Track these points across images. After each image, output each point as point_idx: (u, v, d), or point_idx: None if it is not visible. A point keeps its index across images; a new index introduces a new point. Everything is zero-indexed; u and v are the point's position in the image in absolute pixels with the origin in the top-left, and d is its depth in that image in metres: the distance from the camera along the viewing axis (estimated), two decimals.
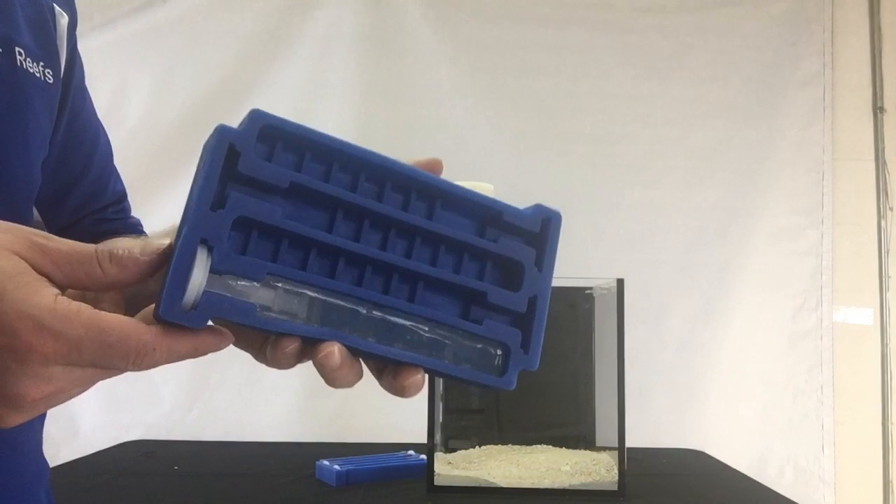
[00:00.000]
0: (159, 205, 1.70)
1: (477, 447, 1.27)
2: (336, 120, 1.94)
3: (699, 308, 1.97)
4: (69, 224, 0.73)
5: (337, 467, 1.25)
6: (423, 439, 1.17)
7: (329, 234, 0.42)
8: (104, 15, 1.93)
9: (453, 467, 1.21)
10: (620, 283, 1.17)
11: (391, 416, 1.61)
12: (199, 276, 0.38)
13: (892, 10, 2.05)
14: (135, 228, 0.79)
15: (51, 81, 0.63)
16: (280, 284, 0.41)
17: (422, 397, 1.14)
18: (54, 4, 0.66)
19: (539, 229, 0.46)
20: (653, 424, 1.71)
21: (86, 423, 1.87)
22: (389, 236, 0.43)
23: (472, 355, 0.44)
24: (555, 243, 0.46)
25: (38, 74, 0.61)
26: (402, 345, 0.43)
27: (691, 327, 1.97)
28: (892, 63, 2.05)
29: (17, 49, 0.59)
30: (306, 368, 0.48)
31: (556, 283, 0.46)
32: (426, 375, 0.44)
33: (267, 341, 0.43)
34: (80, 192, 0.73)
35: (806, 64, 2.02)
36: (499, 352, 0.45)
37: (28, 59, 0.60)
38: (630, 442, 1.15)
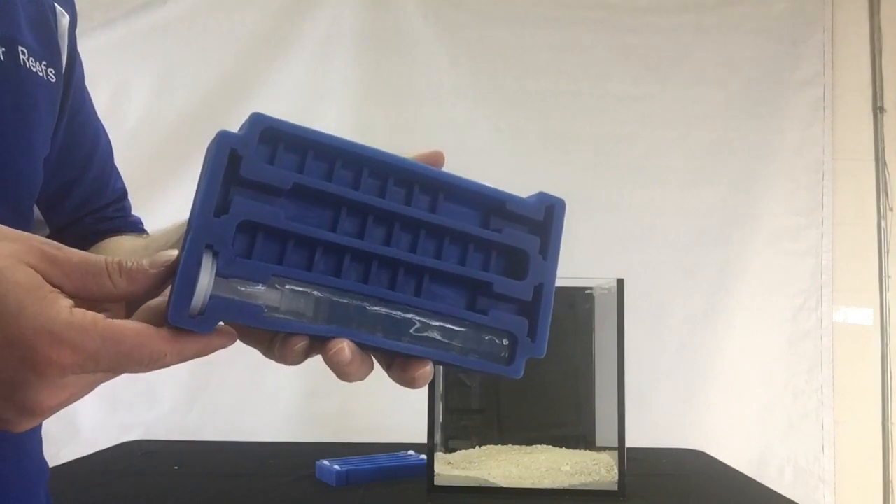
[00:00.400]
0: (159, 204, 1.71)
1: (477, 447, 1.27)
2: (336, 120, 1.94)
3: (699, 308, 1.97)
4: (70, 222, 0.73)
5: (337, 467, 1.25)
6: (423, 439, 1.17)
7: (334, 232, 0.42)
8: (104, 15, 1.93)
9: (453, 467, 1.21)
10: (620, 283, 1.17)
11: (391, 416, 1.60)
12: (205, 282, 0.38)
13: (892, 10, 2.06)
14: (135, 227, 0.79)
15: (53, 80, 0.63)
16: (286, 285, 0.41)
17: (422, 397, 1.14)
18: (55, 4, 0.66)
19: (543, 217, 0.46)
20: (653, 424, 1.71)
21: (86, 423, 1.87)
22: (394, 231, 0.43)
23: (479, 345, 0.45)
24: (559, 231, 0.46)
25: (40, 73, 0.61)
26: (409, 338, 0.43)
27: (691, 327, 1.97)
28: (892, 63, 2.05)
29: (20, 48, 0.59)
30: (307, 369, 0.48)
31: (556, 283, 0.46)
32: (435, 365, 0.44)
33: (275, 338, 0.43)
34: (80, 191, 0.73)
35: (806, 64, 2.02)
36: (506, 341, 0.45)
37: (31, 59, 0.60)
38: (630, 442, 1.15)
